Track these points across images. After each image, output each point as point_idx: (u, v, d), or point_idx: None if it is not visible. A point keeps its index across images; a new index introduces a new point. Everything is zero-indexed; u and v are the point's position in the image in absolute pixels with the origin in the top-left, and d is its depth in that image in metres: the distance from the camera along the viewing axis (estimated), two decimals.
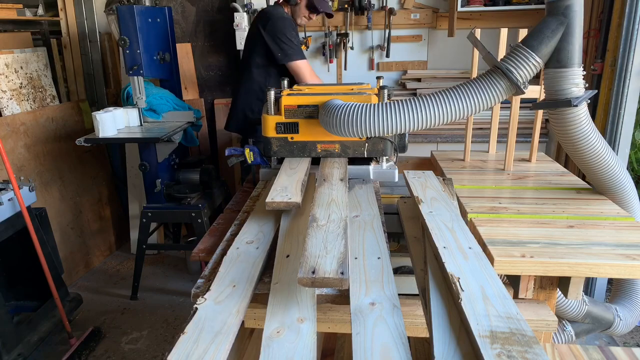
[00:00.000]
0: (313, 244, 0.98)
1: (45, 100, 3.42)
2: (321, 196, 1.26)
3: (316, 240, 0.99)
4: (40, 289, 2.58)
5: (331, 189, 1.31)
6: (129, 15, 2.78)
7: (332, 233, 1.02)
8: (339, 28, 3.63)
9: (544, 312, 1.26)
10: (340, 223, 1.08)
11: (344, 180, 1.40)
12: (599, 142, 1.49)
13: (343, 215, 1.13)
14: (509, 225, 1.42)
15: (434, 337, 0.80)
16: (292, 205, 1.20)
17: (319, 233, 1.02)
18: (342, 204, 1.21)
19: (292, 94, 1.62)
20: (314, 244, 0.97)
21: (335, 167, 1.53)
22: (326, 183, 1.37)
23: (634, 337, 2.65)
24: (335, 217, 1.12)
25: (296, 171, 1.47)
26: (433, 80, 3.55)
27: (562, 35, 1.38)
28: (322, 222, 1.08)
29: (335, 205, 1.19)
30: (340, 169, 1.51)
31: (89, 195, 3.63)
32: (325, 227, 1.06)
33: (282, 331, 0.84)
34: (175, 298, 3.22)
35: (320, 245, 0.97)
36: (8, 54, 3.13)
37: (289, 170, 1.48)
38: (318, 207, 1.18)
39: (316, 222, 1.09)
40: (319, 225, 1.07)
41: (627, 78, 2.56)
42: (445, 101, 1.37)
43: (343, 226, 1.06)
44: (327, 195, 1.26)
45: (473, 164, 2.11)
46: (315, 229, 1.05)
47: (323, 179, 1.41)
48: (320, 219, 1.11)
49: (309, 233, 1.03)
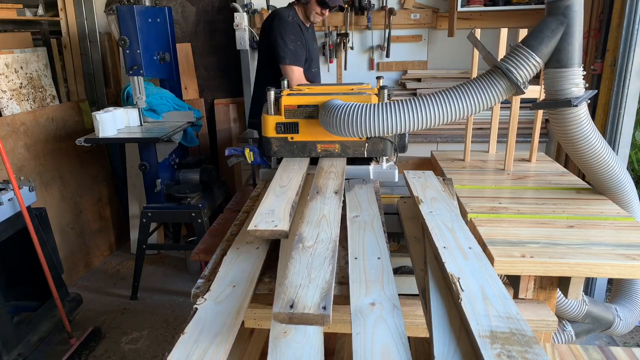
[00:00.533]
0: (296, 270, 0.89)
1: (45, 100, 3.42)
2: (311, 212, 1.18)
3: (300, 266, 0.91)
4: (40, 289, 2.58)
5: (323, 203, 1.22)
6: (129, 15, 2.78)
7: (319, 256, 0.94)
8: (339, 28, 3.63)
9: (544, 312, 1.26)
10: (329, 244, 0.99)
11: (339, 192, 1.31)
12: (599, 142, 1.49)
13: (333, 235, 1.05)
14: (509, 225, 1.42)
15: (434, 337, 0.80)
16: (278, 234, 1.06)
17: (304, 256, 0.94)
18: (334, 221, 1.12)
19: (292, 94, 1.62)
20: (296, 271, 0.89)
21: (331, 177, 1.43)
22: (319, 196, 1.28)
23: (634, 337, 2.65)
24: (324, 236, 1.04)
25: (287, 189, 1.32)
26: (433, 80, 3.55)
27: (562, 35, 1.38)
28: (309, 243, 1.00)
29: (326, 223, 1.11)
30: (336, 179, 1.41)
31: (89, 195, 3.63)
32: (312, 249, 0.98)
33: (289, 332, 0.83)
34: (175, 298, 3.22)
35: (304, 271, 0.89)
36: (8, 54, 3.13)
37: (278, 189, 1.33)
38: (306, 225, 1.10)
39: (302, 243, 1.00)
40: (305, 246, 0.99)
41: (627, 78, 2.56)
42: (445, 101, 1.37)
43: (332, 248, 0.98)
44: (319, 211, 1.18)
45: (473, 164, 2.11)
46: (301, 252, 0.96)
47: (316, 191, 1.32)
48: (307, 238, 1.03)
49: (293, 257, 0.95)
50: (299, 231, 1.06)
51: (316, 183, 1.37)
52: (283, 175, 1.43)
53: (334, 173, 1.46)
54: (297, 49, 2.60)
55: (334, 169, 1.50)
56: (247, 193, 1.76)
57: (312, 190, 1.32)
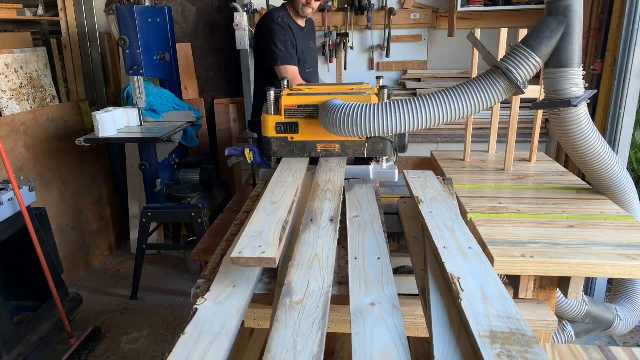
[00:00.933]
0: (281, 339, 0.75)
1: (45, 100, 3.42)
2: (303, 248, 1.03)
3: (285, 333, 0.77)
4: (40, 289, 2.58)
5: (317, 236, 1.07)
6: (129, 15, 2.78)
7: (308, 318, 0.80)
8: (339, 28, 3.63)
9: (544, 312, 1.26)
10: (321, 299, 0.85)
11: (336, 219, 1.15)
12: (599, 142, 1.49)
13: (326, 283, 0.89)
14: (509, 225, 1.42)
15: (434, 337, 0.80)
16: (266, 263, 0.93)
17: (290, 317, 0.80)
18: (328, 261, 0.97)
19: (292, 94, 1.62)
20: (281, 340, 0.75)
21: (327, 197, 1.28)
22: (312, 226, 1.12)
23: (634, 337, 2.65)
24: (315, 286, 0.89)
25: (278, 206, 1.16)
26: (433, 80, 3.55)
27: (562, 35, 1.38)
28: (298, 298, 0.85)
29: (319, 265, 0.96)
30: (333, 200, 1.25)
31: (89, 195, 3.63)
32: (301, 305, 0.83)
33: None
34: (175, 298, 3.22)
35: (289, 341, 0.75)
36: (8, 54, 3.13)
37: (268, 206, 1.16)
38: (296, 270, 0.95)
39: (290, 297, 0.86)
40: (293, 302, 0.84)
41: (627, 78, 2.56)
42: (445, 101, 1.37)
43: (323, 305, 0.83)
44: (311, 248, 1.03)
45: (473, 164, 2.11)
46: (287, 310, 0.82)
47: (310, 218, 1.16)
48: (296, 290, 0.88)
49: (278, 318, 0.80)
50: (286, 279, 0.92)
51: (310, 207, 1.23)
52: (275, 191, 1.28)
53: (331, 192, 1.32)
54: (288, 48, 2.59)
55: (331, 185, 1.37)
56: (247, 193, 1.76)
57: (306, 218, 1.17)
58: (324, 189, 1.35)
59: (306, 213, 1.20)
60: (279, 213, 1.12)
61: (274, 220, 1.07)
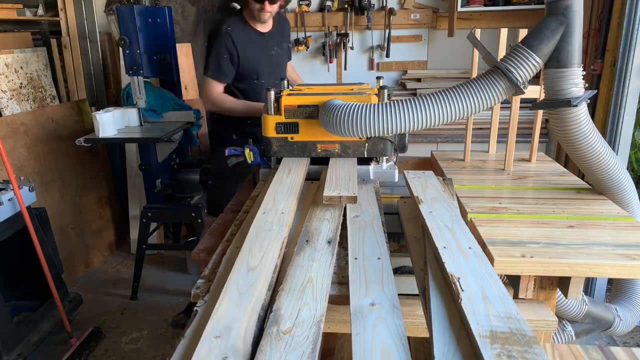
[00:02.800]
0: None
1: (45, 100, 3.42)
2: (296, 271, 0.95)
3: None
4: (40, 289, 2.58)
5: (312, 259, 0.99)
6: (129, 15, 2.78)
7: (296, 350, 0.71)
8: (339, 28, 3.63)
9: (544, 312, 1.26)
10: (311, 330, 0.76)
11: (334, 241, 1.07)
12: (598, 142, 1.49)
13: (318, 312, 0.81)
14: (509, 225, 1.42)
15: (434, 337, 0.80)
16: None
17: (276, 348, 0.71)
18: (322, 288, 0.89)
19: (292, 94, 1.62)
20: None
21: (326, 217, 1.20)
22: (307, 248, 1.05)
23: (634, 337, 2.65)
24: (306, 314, 0.80)
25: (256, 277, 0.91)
26: (433, 80, 3.56)
27: (562, 35, 1.38)
28: (286, 327, 0.76)
29: (312, 291, 0.87)
30: (332, 221, 1.17)
31: (89, 195, 3.63)
32: (288, 335, 0.74)
33: None
34: (175, 298, 3.22)
35: None
36: (8, 54, 3.14)
37: (242, 279, 0.90)
38: (287, 295, 0.86)
39: (277, 326, 0.76)
40: (280, 332, 0.75)
41: (627, 78, 2.56)
42: (445, 101, 1.37)
43: (314, 335, 0.74)
44: (305, 271, 0.95)
45: (473, 164, 2.11)
46: (273, 341, 0.73)
47: (306, 239, 1.08)
48: (284, 318, 0.79)
49: (262, 348, 0.71)
50: (275, 304, 0.83)
51: (307, 227, 1.16)
52: (254, 247, 1.03)
53: (331, 211, 1.26)
54: (220, 61, 2.41)
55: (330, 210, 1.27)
56: (247, 193, 1.76)
57: (301, 238, 1.10)
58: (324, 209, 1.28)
59: (302, 234, 1.12)
60: (256, 290, 0.87)
61: (248, 305, 0.83)
